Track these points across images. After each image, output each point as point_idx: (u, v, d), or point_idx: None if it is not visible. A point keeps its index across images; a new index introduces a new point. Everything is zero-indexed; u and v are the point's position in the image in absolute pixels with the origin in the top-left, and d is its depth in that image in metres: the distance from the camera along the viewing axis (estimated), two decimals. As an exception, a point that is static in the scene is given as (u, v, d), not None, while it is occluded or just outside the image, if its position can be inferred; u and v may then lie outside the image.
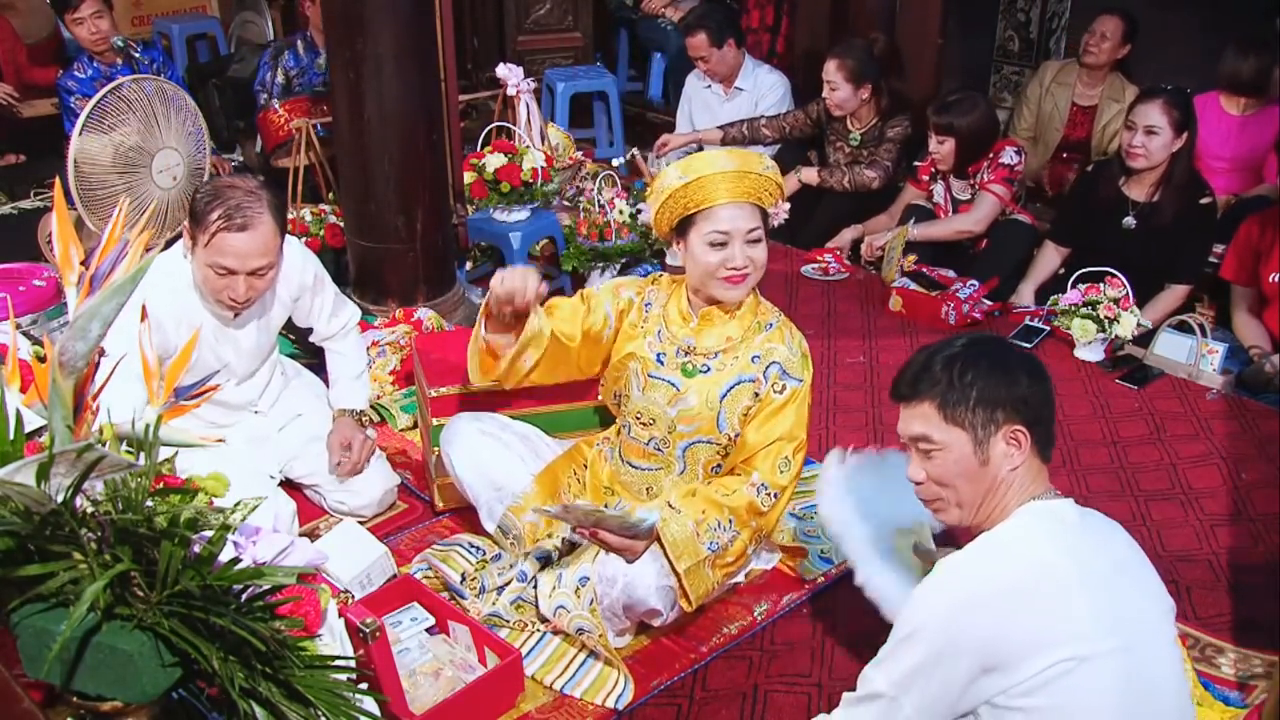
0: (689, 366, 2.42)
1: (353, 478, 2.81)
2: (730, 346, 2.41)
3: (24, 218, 4.76)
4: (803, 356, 2.42)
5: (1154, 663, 1.65)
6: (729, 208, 2.29)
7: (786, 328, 2.45)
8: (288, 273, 2.69)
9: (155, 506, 1.32)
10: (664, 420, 2.44)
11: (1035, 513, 1.71)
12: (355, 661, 1.95)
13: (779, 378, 2.38)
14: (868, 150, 4.61)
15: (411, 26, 3.46)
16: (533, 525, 2.52)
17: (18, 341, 2.38)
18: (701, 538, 2.30)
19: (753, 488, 2.35)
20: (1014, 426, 1.71)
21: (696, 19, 5.01)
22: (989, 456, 1.72)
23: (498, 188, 3.96)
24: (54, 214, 1.48)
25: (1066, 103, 4.73)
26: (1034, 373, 1.75)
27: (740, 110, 5.01)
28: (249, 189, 2.42)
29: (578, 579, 2.34)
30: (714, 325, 2.42)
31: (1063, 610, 1.59)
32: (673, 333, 2.45)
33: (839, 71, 4.48)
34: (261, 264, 2.44)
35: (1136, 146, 3.69)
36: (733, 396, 2.39)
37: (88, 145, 3.37)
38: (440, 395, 2.90)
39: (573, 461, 2.64)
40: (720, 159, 2.30)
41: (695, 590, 2.30)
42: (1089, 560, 1.65)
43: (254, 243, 2.40)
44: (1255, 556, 2.72)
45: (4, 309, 3.01)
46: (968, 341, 1.78)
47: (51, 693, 1.35)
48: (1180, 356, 3.54)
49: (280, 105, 4.85)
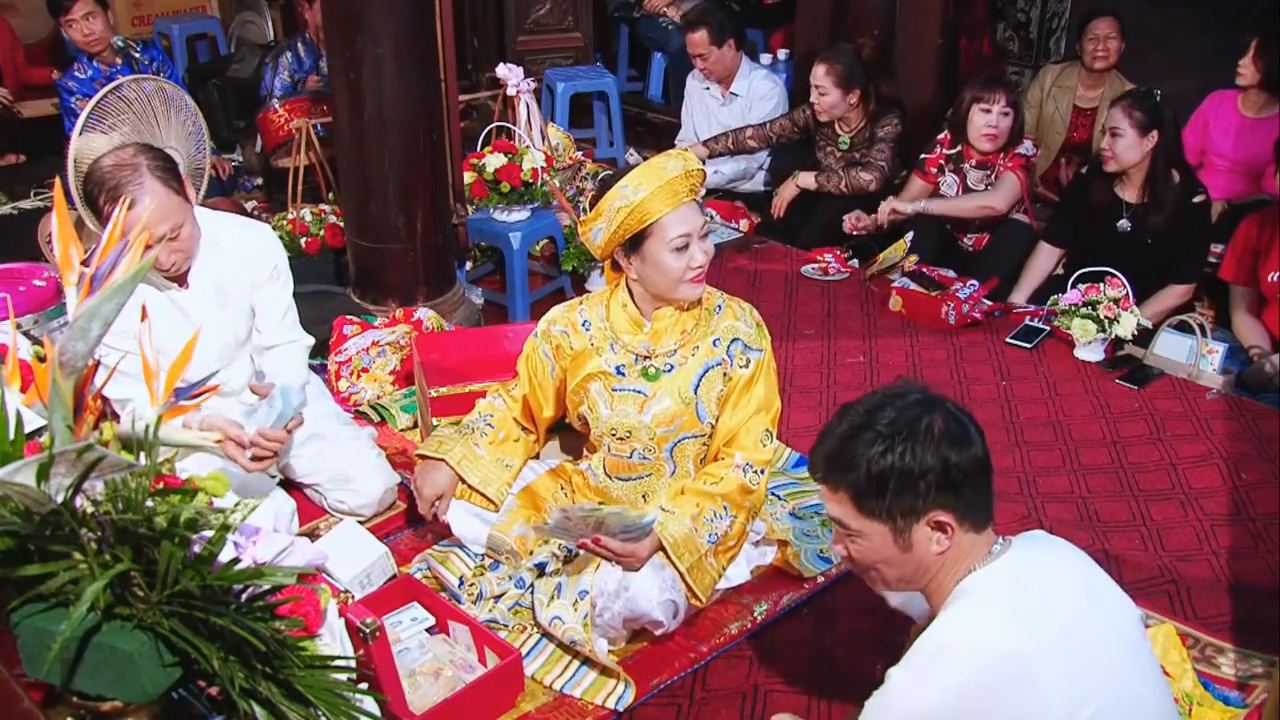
0: (650, 370, 2.44)
1: (353, 477, 2.81)
2: (686, 340, 2.43)
3: (24, 218, 4.75)
4: (757, 326, 2.49)
5: (1135, 697, 1.60)
6: (681, 210, 2.31)
7: (734, 303, 2.50)
8: (252, 255, 2.65)
9: (155, 506, 1.32)
10: (640, 430, 2.44)
11: (977, 590, 1.59)
12: (355, 661, 1.95)
13: (742, 353, 2.43)
14: (860, 152, 4.61)
15: (411, 26, 3.46)
16: (521, 537, 2.52)
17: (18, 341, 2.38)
18: (700, 532, 2.32)
19: (738, 469, 2.39)
20: (937, 514, 1.58)
21: (699, 15, 4.99)
22: (911, 543, 1.61)
23: (498, 188, 3.96)
24: (54, 214, 1.48)
25: (1068, 106, 4.73)
26: (961, 440, 1.58)
27: (736, 115, 5.00)
28: (123, 162, 2.37)
29: (577, 592, 2.33)
30: (670, 323, 2.44)
31: (1032, 697, 1.50)
32: (626, 342, 2.45)
33: (828, 76, 4.47)
34: (165, 228, 2.38)
35: (1104, 149, 3.77)
36: (706, 383, 2.42)
37: (88, 145, 3.37)
38: (440, 395, 2.91)
39: (558, 478, 2.65)
40: (667, 167, 2.30)
41: (700, 584, 2.32)
42: (1046, 624, 1.55)
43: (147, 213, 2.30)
44: (1255, 556, 2.72)
45: (4, 309, 3.01)
46: (892, 413, 1.60)
47: (51, 693, 1.35)
48: (1180, 356, 3.54)
49: (280, 105, 4.85)
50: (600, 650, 2.32)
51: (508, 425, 2.63)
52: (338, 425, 2.91)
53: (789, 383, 3.54)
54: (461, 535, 2.56)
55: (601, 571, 2.32)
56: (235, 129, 5.57)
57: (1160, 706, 1.67)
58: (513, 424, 2.63)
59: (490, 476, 2.56)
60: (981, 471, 1.60)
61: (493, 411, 2.64)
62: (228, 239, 2.63)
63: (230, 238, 2.64)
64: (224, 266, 2.62)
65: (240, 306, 2.69)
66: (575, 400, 2.52)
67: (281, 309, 2.75)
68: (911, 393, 1.64)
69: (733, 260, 4.45)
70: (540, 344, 2.54)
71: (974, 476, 1.59)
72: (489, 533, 2.53)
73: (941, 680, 1.55)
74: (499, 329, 3.39)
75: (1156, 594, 2.56)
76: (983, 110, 4.09)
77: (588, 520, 2.24)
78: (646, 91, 6.39)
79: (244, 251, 2.65)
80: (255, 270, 2.67)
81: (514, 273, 4.01)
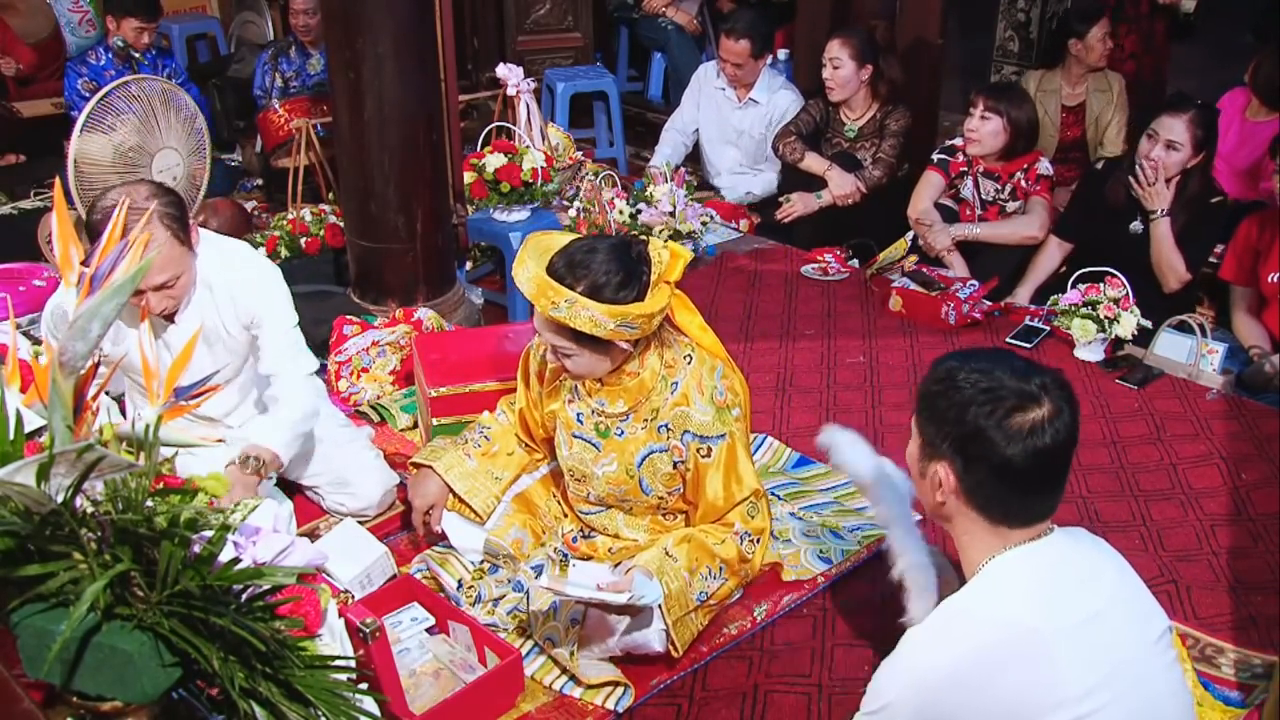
0: (602, 427, 2.39)
1: (351, 480, 2.80)
2: (639, 404, 2.33)
3: (24, 218, 4.75)
4: (717, 411, 2.30)
5: (1155, 698, 1.60)
6: (539, 316, 2.22)
7: (695, 379, 2.31)
8: (239, 306, 2.58)
9: (155, 506, 1.32)
10: (593, 479, 2.43)
11: (1004, 567, 1.61)
12: (355, 661, 1.95)
13: (698, 444, 2.32)
14: (870, 143, 4.59)
15: (411, 26, 3.46)
16: (518, 541, 2.52)
17: (18, 341, 2.38)
18: (693, 587, 2.28)
19: (737, 536, 2.36)
20: (945, 467, 1.62)
21: (747, 26, 4.83)
22: (925, 473, 1.67)
23: (498, 188, 3.96)
24: (54, 214, 1.48)
25: (1055, 108, 4.72)
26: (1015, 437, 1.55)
27: (751, 121, 4.94)
28: (134, 205, 2.28)
29: (570, 618, 2.29)
30: (616, 388, 2.35)
31: (1047, 674, 1.51)
32: (584, 394, 2.41)
33: (844, 48, 4.45)
34: (163, 279, 2.36)
35: (1153, 160, 3.67)
36: (649, 464, 2.37)
37: (88, 145, 3.37)
38: (440, 395, 2.91)
39: (552, 485, 2.65)
40: (525, 272, 2.17)
41: (681, 637, 2.27)
42: (1069, 610, 1.56)
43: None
44: (1255, 556, 2.72)
45: (4, 309, 3.01)
46: (1007, 378, 1.59)
47: (51, 693, 1.35)
48: (1180, 356, 3.54)
49: (280, 105, 4.86)
50: (589, 672, 2.28)
51: (504, 439, 2.61)
52: (335, 428, 2.90)
53: (789, 383, 3.54)
54: (459, 545, 2.55)
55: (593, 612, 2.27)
56: (235, 129, 5.57)
57: (1181, 711, 1.66)
58: (512, 439, 2.62)
59: (477, 488, 2.53)
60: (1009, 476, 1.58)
61: (492, 425, 2.63)
62: (219, 283, 2.57)
63: (221, 282, 2.57)
64: (214, 309, 2.58)
65: (229, 345, 2.65)
66: (549, 426, 2.52)
67: (276, 347, 2.65)
68: (1050, 384, 1.60)
69: (733, 260, 4.45)
70: (531, 363, 2.52)
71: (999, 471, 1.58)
72: (485, 538, 2.53)
73: (954, 643, 1.58)
74: (499, 329, 3.39)
75: (1156, 594, 2.50)
76: (969, 114, 4.12)
77: (593, 601, 2.19)
78: (646, 91, 6.39)
79: (232, 300, 2.59)
80: (241, 318, 2.62)
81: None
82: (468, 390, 2.91)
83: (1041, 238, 4.09)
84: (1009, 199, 4.18)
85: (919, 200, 4.23)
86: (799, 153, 4.60)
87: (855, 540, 2.71)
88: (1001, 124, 4.05)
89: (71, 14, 6.14)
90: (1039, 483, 1.61)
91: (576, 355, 2.24)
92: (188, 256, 2.43)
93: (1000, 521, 1.63)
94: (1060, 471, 1.63)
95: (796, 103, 4.87)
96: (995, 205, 4.21)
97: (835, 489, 2.94)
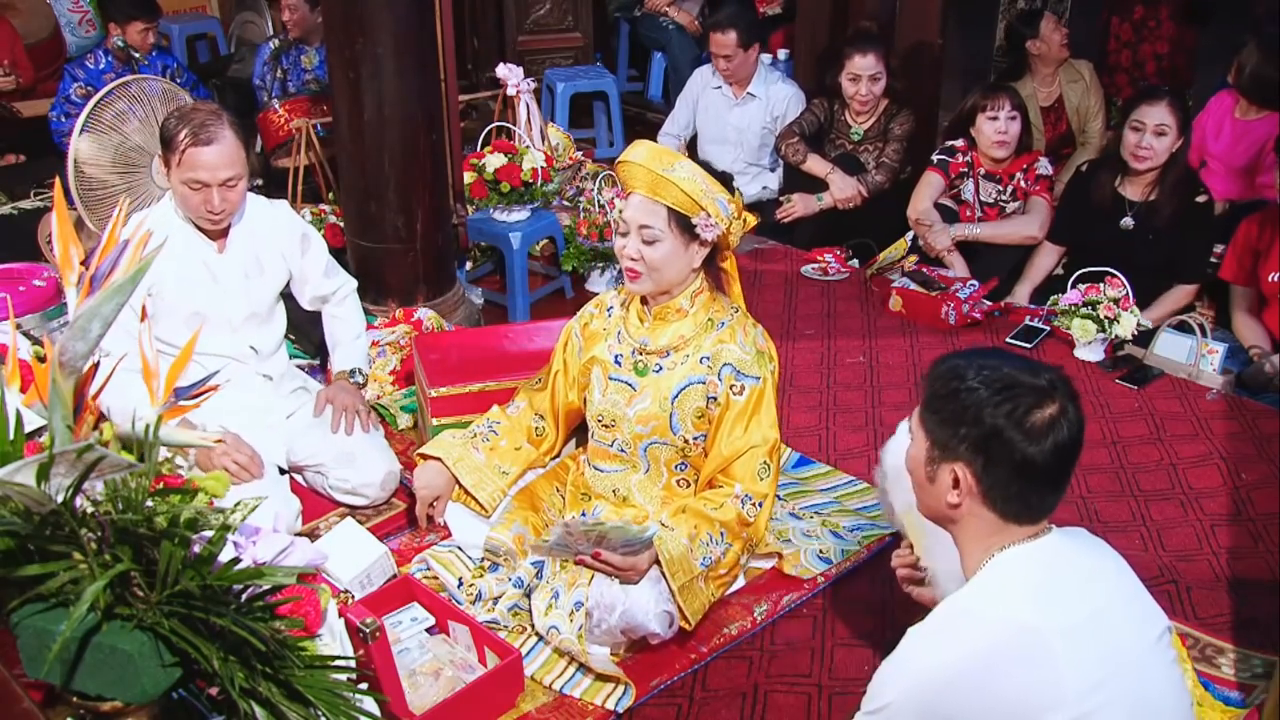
0: (641, 365, 2.45)
1: (356, 454, 2.81)
2: (682, 344, 2.42)
3: (24, 218, 4.74)
4: (758, 354, 2.40)
5: (1154, 698, 1.60)
6: (635, 197, 2.34)
7: (740, 325, 2.43)
8: (277, 225, 2.90)
9: (155, 506, 1.32)
10: (624, 422, 2.47)
11: (1005, 566, 1.61)
12: (355, 661, 1.95)
13: (734, 378, 2.38)
14: (874, 146, 4.59)
15: (411, 26, 3.46)
16: (519, 537, 2.52)
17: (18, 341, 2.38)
18: (695, 554, 2.30)
19: (737, 500, 2.37)
20: (961, 468, 1.61)
21: (729, 17, 4.81)
22: (935, 476, 1.65)
23: (498, 188, 3.96)
24: (54, 214, 1.49)
25: (1035, 111, 4.70)
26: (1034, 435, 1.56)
27: (749, 117, 4.92)
28: (210, 110, 2.67)
29: (573, 603, 2.32)
30: (667, 324, 2.45)
31: (1048, 673, 1.50)
32: (629, 333, 2.50)
33: (880, 62, 4.43)
34: (229, 174, 2.63)
35: (1145, 148, 3.68)
36: (684, 398, 2.41)
37: (88, 145, 3.37)
38: (440, 395, 2.91)
39: (555, 479, 2.66)
40: (638, 150, 2.34)
41: (690, 606, 2.29)
42: (1070, 610, 1.56)
43: (220, 155, 2.60)
44: (1255, 556, 2.72)
45: (4, 309, 3.01)
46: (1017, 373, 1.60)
47: (51, 693, 1.35)
48: (1180, 356, 3.54)
49: (280, 105, 4.86)
50: (596, 660, 2.30)
51: (512, 434, 2.64)
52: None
53: (789, 383, 3.53)
54: (461, 539, 2.56)
55: (597, 583, 2.31)
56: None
57: (1181, 710, 1.66)
58: (520, 435, 2.64)
59: (483, 480, 2.57)
60: (1030, 473, 1.59)
61: (501, 419, 2.66)
62: (259, 216, 2.87)
63: (260, 215, 2.88)
64: (258, 239, 2.85)
65: (272, 276, 2.90)
66: (582, 381, 2.57)
67: (322, 266, 3.02)
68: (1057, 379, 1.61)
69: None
70: (575, 325, 2.62)
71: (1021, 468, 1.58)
72: (485, 535, 2.53)
73: (955, 644, 1.57)
74: (499, 329, 3.39)
75: (1156, 594, 2.51)
76: (989, 118, 4.07)
77: (589, 534, 2.23)
78: (646, 91, 6.38)
79: (274, 227, 2.89)
80: (286, 241, 2.92)
81: (514, 273, 4.01)
82: (468, 390, 2.91)
83: (1041, 237, 4.09)
84: (1009, 200, 4.18)
85: (919, 200, 4.22)
86: (801, 154, 4.59)
87: (855, 540, 2.71)
88: (1021, 123, 4.09)
89: (71, 14, 6.15)
90: (1058, 477, 1.63)
91: (660, 241, 2.32)
92: (246, 165, 2.71)
93: (1012, 519, 1.63)
94: (1074, 465, 1.64)
95: (797, 95, 4.86)
96: (995, 207, 4.21)
97: (835, 489, 2.94)
